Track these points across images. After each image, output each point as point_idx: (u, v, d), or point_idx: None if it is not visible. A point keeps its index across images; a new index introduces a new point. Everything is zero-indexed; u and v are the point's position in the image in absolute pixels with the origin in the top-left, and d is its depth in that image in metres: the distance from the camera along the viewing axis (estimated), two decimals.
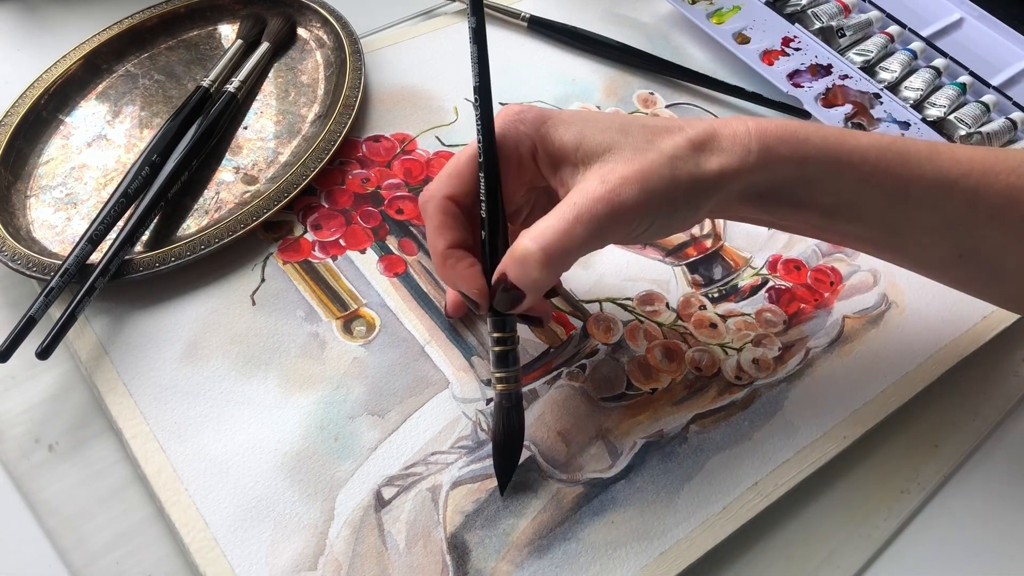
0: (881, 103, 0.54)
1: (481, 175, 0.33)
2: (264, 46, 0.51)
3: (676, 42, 0.58)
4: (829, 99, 0.54)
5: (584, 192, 0.30)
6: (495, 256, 0.33)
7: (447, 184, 0.34)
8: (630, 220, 0.31)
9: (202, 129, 0.45)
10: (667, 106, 0.54)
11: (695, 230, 0.47)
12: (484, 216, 0.33)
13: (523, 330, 0.41)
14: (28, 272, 0.40)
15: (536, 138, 0.33)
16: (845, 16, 0.60)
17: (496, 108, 0.33)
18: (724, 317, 0.43)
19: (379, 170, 0.48)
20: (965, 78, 0.56)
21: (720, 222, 0.48)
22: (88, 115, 0.48)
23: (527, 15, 0.56)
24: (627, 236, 0.32)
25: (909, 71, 0.56)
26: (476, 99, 0.33)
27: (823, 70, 0.56)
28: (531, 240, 0.30)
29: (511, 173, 0.34)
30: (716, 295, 0.44)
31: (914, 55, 0.57)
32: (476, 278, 0.33)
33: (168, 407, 0.37)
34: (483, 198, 0.33)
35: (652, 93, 0.54)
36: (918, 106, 0.54)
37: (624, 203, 0.30)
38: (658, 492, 0.37)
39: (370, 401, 0.38)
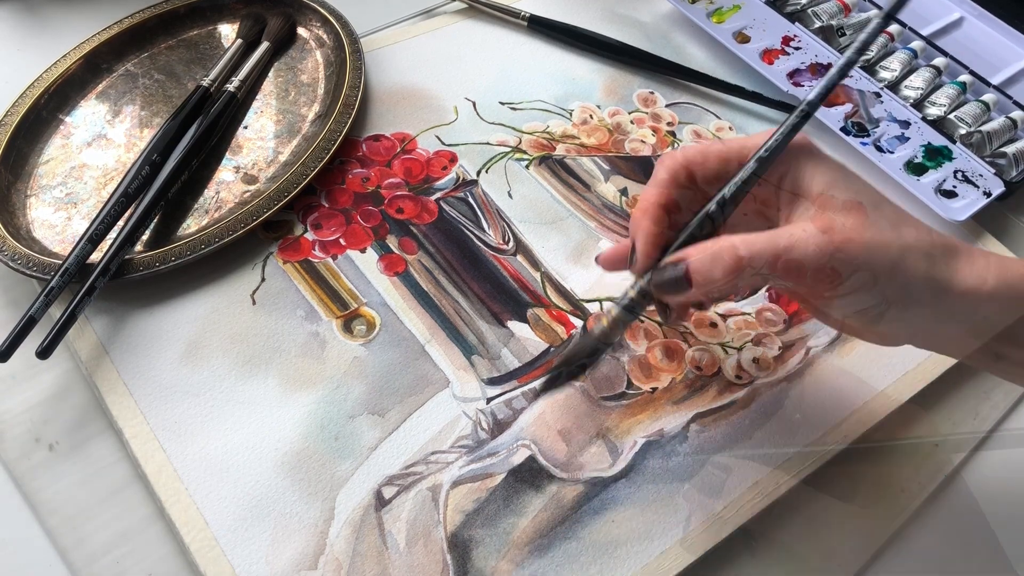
0: (881, 102, 0.54)
1: (749, 167, 0.32)
2: (264, 45, 0.51)
3: (676, 41, 0.58)
4: (829, 98, 0.54)
5: (806, 231, 0.30)
6: (691, 240, 0.32)
7: (697, 156, 0.33)
8: (835, 277, 0.30)
9: (202, 129, 0.45)
10: (667, 105, 0.54)
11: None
12: (717, 200, 0.32)
13: (523, 329, 0.42)
14: (28, 272, 0.40)
15: (792, 165, 0.32)
16: (845, 15, 0.60)
17: (496, 108, 0.33)
18: (724, 316, 0.43)
19: (379, 169, 0.48)
20: (965, 77, 0.56)
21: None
22: (88, 115, 0.48)
23: (527, 15, 0.56)
24: (815, 291, 0.31)
25: (909, 70, 0.56)
26: (804, 110, 0.32)
27: (823, 69, 0.56)
28: (740, 241, 0.30)
29: (761, 186, 0.33)
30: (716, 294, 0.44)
31: (914, 54, 0.57)
32: (655, 240, 0.32)
33: (168, 407, 0.37)
34: (729, 188, 0.32)
35: (652, 92, 0.54)
36: (918, 105, 0.54)
37: (838, 256, 0.29)
38: (658, 491, 0.37)
39: (370, 400, 0.38)
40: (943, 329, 0.32)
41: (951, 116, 0.53)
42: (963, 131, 0.53)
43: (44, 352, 0.37)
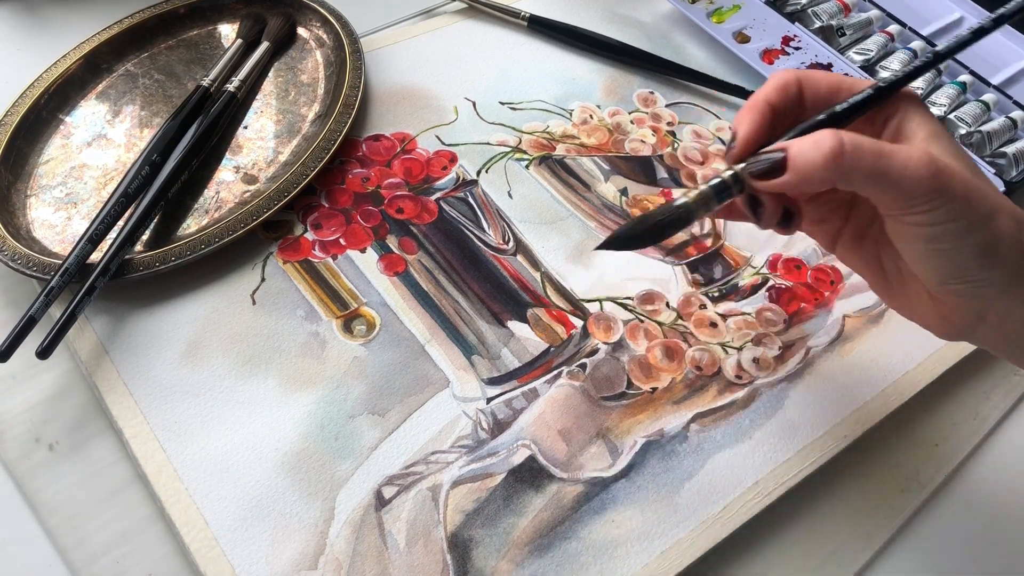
0: None
1: (869, 90, 0.32)
2: (264, 45, 0.51)
3: (676, 41, 0.58)
4: None
5: (912, 148, 0.29)
6: (799, 133, 0.31)
7: (811, 76, 0.33)
8: (931, 197, 0.29)
9: (202, 129, 0.45)
10: (667, 105, 0.54)
11: (695, 229, 0.47)
12: (828, 112, 0.32)
13: (523, 329, 0.42)
14: (28, 272, 0.40)
15: (900, 109, 0.32)
16: (845, 15, 0.60)
17: (496, 108, 0.33)
18: (724, 316, 0.43)
19: (379, 169, 0.48)
20: (965, 77, 0.56)
21: (720, 221, 0.48)
22: (88, 115, 0.48)
23: (527, 14, 0.56)
24: (909, 208, 0.30)
25: None
26: (929, 57, 0.33)
27: (823, 69, 0.56)
28: (845, 133, 0.29)
29: (866, 122, 0.33)
30: (716, 294, 0.44)
31: (914, 54, 0.57)
32: (757, 130, 0.32)
33: (168, 407, 0.37)
34: (841, 105, 0.32)
35: (652, 92, 0.54)
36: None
37: (940, 177, 0.29)
38: (658, 491, 0.37)
39: (370, 400, 0.38)
40: (1017, 311, 0.31)
41: (951, 116, 0.53)
42: (963, 131, 0.53)
43: (44, 352, 0.37)
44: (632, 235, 0.32)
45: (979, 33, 0.33)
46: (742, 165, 0.31)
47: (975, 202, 0.29)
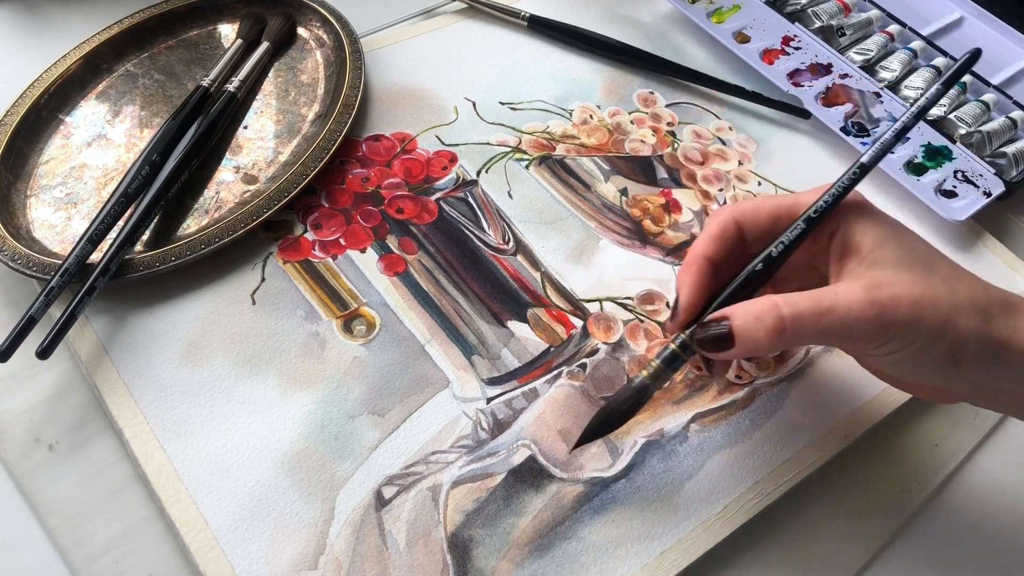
0: (881, 102, 0.54)
1: (800, 224, 0.32)
2: (264, 45, 0.51)
3: (676, 41, 0.58)
4: (829, 98, 0.54)
5: (851, 290, 0.30)
6: (734, 296, 0.32)
7: (748, 211, 0.34)
8: (881, 336, 0.30)
9: (202, 129, 0.45)
10: (667, 105, 0.54)
11: (695, 229, 0.47)
12: (763, 258, 0.32)
13: (523, 329, 0.42)
14: (28, 272, 0.40)
15: (842, 222, 0.32)
16: (845, 15, 0.60)
17: (496, 108, 0.33)
18: None
19: (379, 169, 0.48)
20: (965, 77, 0.56)
21: None
22: (88, 115, 0.48)
23: (527, 14, 0.56)
24: (864, 350, 0.32)
25: (909, 70, 0.56)
26: (857, 171, 0.33)
27: (823, 69, 0.56)
28: (783, 301, 0.30)
29: (811, 241, 0.33)
30: None
31: (914, 54, 0.57)
32: (699, 294, 0.33)
33: (168, 407, 0.37)
34: (775, 246, 0.32)
35: (652, 92, 0.54)
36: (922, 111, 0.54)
37: (884, 317, 0.29)
38: (659, 491, 0.37)
39: (370, 400, 0.38)
40: (1005, 388, 0.32)
41: (951, 116, 0.53)
42: (963, 131, 0.53)
43: (44, 352, 0.37)
44: (602, 425, 0.34)
45: (902, 132, 0.33)
46: (688, 332, 0.33)
47: (927, 321, 0.29)
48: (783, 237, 0.32)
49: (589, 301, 0.43)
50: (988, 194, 0.49)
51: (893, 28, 0.58)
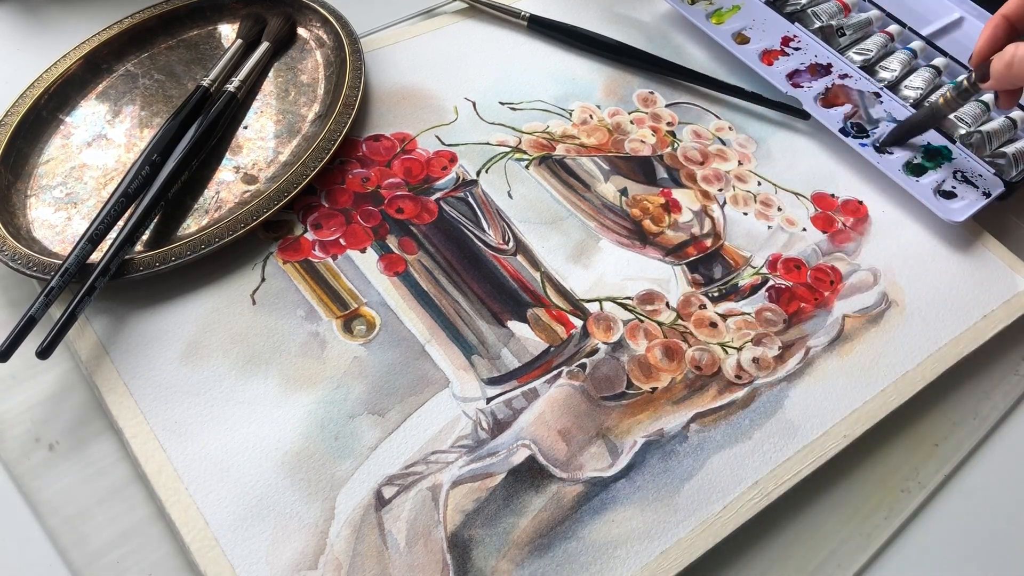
0: (881, 102, 0.54)
1: None
2: (264, 46, 0.51)
3: (676, 42, 0.58)
4: (829, 99, 0.54)
5: None
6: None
7: None
8: None
9: (202, 129, 0.45)
10: (667, 105, 0.54)
11: (695, 229, 0.47)
12: None
13: (523, 329, 0.42)
14: (28, 272, 0.40)
15: None
16: (845, 15, 0.60)
17: (496, 108, 0.33)
18: (724, 316, 0.43)
19: (379, 169, 0.48)
20: (966, 76, 0.56)
21: (720, 221, 0.48)
22: (88, 115, 0.48)
23: (527, 14, 0.56)
24: None
25: (909, 70, 0.56)
26: None
27: (823, 69, 0.56)
28: (1015, 46, 0.41)
29: None
30: (716, 294, 0.44)
31: (914, 54, 0.57)
32: (986, 44, 0.44)
33: (168, 406, 0.37)
34: None
35: (652, 93, 0.54)
36: (918, 105, 0.54)
37: None
38: (658, 491, 0.37)
39: (370, 400, 0.38)
40: None
41: (951, 116, 0.53)
42: (963, 131, 0.53)
43: (44, 352, 0.37)
44: (898, 129, 0.47)
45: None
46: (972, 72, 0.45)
47: None
48: None
49: (589, 301, 0.43)
50: (988, 194, 0.49)
51: (893, 28, 0.58)
